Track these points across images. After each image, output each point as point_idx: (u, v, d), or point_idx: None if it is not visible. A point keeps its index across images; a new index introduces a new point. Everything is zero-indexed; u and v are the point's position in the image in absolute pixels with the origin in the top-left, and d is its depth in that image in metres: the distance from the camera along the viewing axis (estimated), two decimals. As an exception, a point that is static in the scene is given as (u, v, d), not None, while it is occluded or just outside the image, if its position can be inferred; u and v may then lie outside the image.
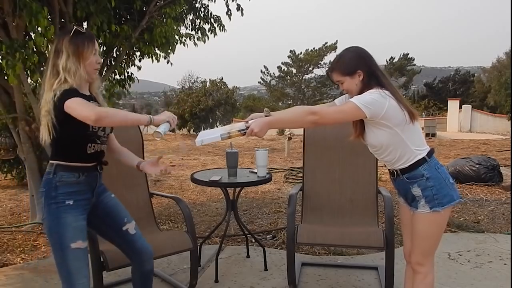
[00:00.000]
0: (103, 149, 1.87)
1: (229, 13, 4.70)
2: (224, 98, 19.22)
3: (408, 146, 1.74)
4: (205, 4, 4.78)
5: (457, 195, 1.76)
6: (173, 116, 1.83)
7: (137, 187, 2.82)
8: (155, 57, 4.57)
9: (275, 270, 2.98)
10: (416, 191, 1.76)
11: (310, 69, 34.63)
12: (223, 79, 20.73)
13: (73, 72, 1.70)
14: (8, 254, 3.33)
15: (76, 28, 1.74)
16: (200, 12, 4.77)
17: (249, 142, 12.56)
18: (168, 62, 4.79)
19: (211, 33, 4.84)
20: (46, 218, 1.73)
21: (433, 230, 1.78)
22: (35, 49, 3.35)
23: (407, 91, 35.36)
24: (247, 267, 3.05)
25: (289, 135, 9.94)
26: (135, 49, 4.57)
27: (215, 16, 4.81)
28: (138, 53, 4.66)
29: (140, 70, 4.95)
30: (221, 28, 4.86)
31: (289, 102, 34.45)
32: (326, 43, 33.55)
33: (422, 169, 1.74)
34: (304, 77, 35.27)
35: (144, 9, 4.18)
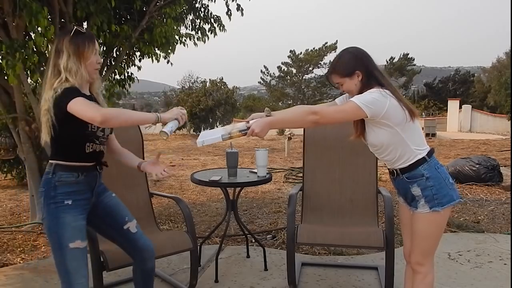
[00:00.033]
0: (102, 150, 1.86)
1: (229, 13, 4.70)
2: (224, 98, 19.22)
3: (408, 145, 1.74)
4: (205, 4, 4.79)
5: (456, 195, 1.76)
6: (181, 112, 1.81)
7: (137, 187, 2.82)
8: (155, 57, 4.57)
9: (275, 270, 2.98)
10: (415, 191, 1.76)
11: (310, 69, 34.62)
12: (223, 79, 20.73)
13: (74, 72, 1.69)
14: (8, 254, 3.33)
15: (76, 28, 1.74)
16: (200, 12, 4.78)
17: (249, 142, 12.55)
18: (168, 62, 4.80)
19: (211, 33, 4.84)
20: (45, 217, 1.74)
21: (433, 230, 1.78)
22: (35, 49, 3.35)
23: (407, 91, 35.35)
24: (247, 267, 3.05)
25: (289, 135, 9.93)
26: (135, 49, 4.58)
27: (215, 16, 4.81)
28: (138, 53, 4.66)
29: (140, 70, 4.96)
30: (221, 28, 4.86)
31: (289, 102, 34.43)
32: (326, 43, 33.55)
33: (422, 168, 1.74)
34: (304, 77, 35.25)
35: (144, 9, 4.18)
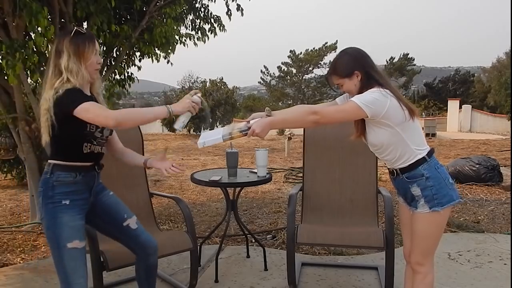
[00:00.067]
0: (100, 151, 1.85)
1: (229, 13, 4.70)
2: (224, 98, 19.22)
3: (408, 145, 1.74)
4: (205, 4, 4.79)
5: (456, 195, 1.76)
6: (192, 103, 1.77)
7: (137, 187, 2.82)
8: (155, 57, 4.57)
9: (275, 270, 2.98)
10: (415, 191, 1.76)
11: (310, 69, 34.63)
12: (223, 79, 20.75)
13: (75, 72, 1.69)
14: (8, 254, 3.33)
15: (76, 28, 1.74)
16: (200, 12, 4.78)
17: (249, 142, 12.55)
18: (168, 62, 4.80)
19: (211, 33, 4.84)
20: (43, 217, 1.74)
21: (433, 230, 1.78)
22: (35, 49, 3.35)
23: (407, 91, 35.36)
24: (247, 267, 3.05)
25: (289, 135, 9.93)
26: (135, 49, 4.58)
27: (215, 16, 4.81)
28: (138, 53, 4.66)
29: (140, 70, 4.96)
30: (221, 28, 4.86)
31: (289, 102, 34.44)
32: (326, 43, 33.57)
33: (421, 168, 1.74)
34: (304, 77, 35.26)
35: (144, 9, 4.18)
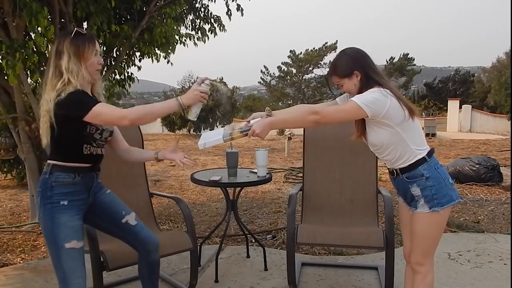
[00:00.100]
0: (99, 153, 1.85)
1: (229, 13, 4.70)
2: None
3: (408, 145, 1.74)
4: (205, 4, 4.79)
5: (456, 195, 1.76)
6: (201, 94, 1.75)
7: (137, 187, 2.82)
8: (155, 57, 4.57)
9: (275, 270, 2.98)
10: (415, 191, 1.76)
11: (310, 69, 34.64)
12: (223, 79, 20.78)
13: (76, 73, 1.70)
14: (8, 254, 3.33)
15: (77, 29, 1.75)
16: (200, 12, 4.78)
17: (249, 142, 12.55)
18: (168, 62, 4.80)
19: (211, 33, 4.85)
20: (41, 217, 1.74)
21: (433, 230, 1.78)
22: (35, 49, 3.35)
23: (407, 91, 35.37)
24: (247, 267, 3.05)
25: (289, 135, 9.93)
26: (135, 49, 4.58)
27: (215, 16, 4.81)
28: (138, 53, 4.66)
29: (140, 70, 4.96)
30: (221, 28, 4.86)
31: (289, 102, 34.46)
32: (326, 43, 33.60)
33: (421, 168, 1.74)
34: (304, 77, 35.28)
35: (144, 9, 4.18)
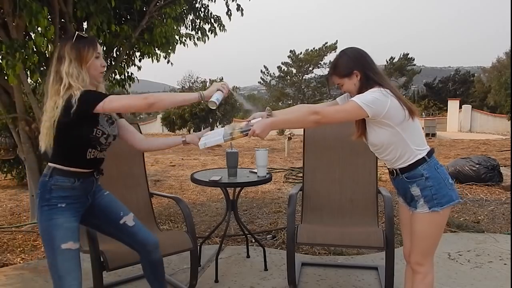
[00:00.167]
0: (102, 157, 1.86)
1: (229, 13, 4.71)
2: (224, 98, 19.22)
3: (408, 145, 1.74)
4: (205, 4, 4.79)
5: (456, 195, 1.76)
6: (221, 84, 1.88)
7: (137, 187, 2.82)
8: (155, 57, 4.58)
9: (275, 270, 2.98)
10: (415, 191, 1.76)
11: (310, 69, 34.65)
12: (223, 79, 20.80)
13: (76, 76, 1.70)
14: (8, 254, 3.33)
15: (78, 33, 1.76)
16: (200, 12, 4.78)
17: (249, 142, 12.55)
18: (168, 62, 4.81)
19: (211, 33, 4.85)
20: (39, 219, 1.74)
21: (432, 230, 1.78)
22: (35, 49, 3.35)
23: (407, 91, 35.38)
24: (247, 267, 3.05)
25: (289, 135, 9.94)
26: (135, 49, 4.58)
27: (215, 16, 4.81)
28: (138, 53, 4.67)
29: (140, 70, 4.97)
30: (221, 28, 4.87)
31: (289, 102, 34.47)
32: (326, 43, 33.61)
33: (421, 168, 1.74)
34: (304, 77, 35.28)
35: (144, 9, 4.19)
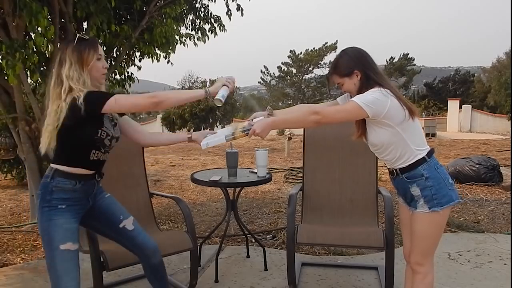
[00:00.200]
0: (104, 159, 1.86)
1: (229, 13, 4.71)
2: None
3: (408, 145, 1.74)
4: (205, 4, 4.80)
5: (456, 195, 1.76)
6: (227, 79, 1.87)
7: (137, 187, 2.82)
8: (155, 57, 4.58)
9: (275, 270, 2.98)
10: (415, 191, 1.76)
11: (310, 69, 34.67)
12: (223, 79, 20.74)
13: (76, 78, 1.70)
14: (8, 254, 3.33)
15: (79, 35, 1.76)
16: (200, 12, 4.78)
17: (249, 142, 12.55)
18: (168, 62, 4.81)
19: (211, 33, 4.85)
20: (39, 219, 1.74)
21: (432, 230, 1.78)
22: (35, 49, 3.35)
23: (407, 91, 35.40)
24: (247, 267, 3.05)
25: (289, 135, 9.93)
26: (135, 49, 4.58)
27: (215, 16, 4.82)
28: (138, 53, 4.67)
29: (140, 70, 4.97)
30: (221, 28, 4.87)
31: (289, 102, 34.49)
32: (326, 43, 33.64)
33: (421, 168, 1.74)
34: (304, 77, 35.30)
35: (144, 9, 4.19)
